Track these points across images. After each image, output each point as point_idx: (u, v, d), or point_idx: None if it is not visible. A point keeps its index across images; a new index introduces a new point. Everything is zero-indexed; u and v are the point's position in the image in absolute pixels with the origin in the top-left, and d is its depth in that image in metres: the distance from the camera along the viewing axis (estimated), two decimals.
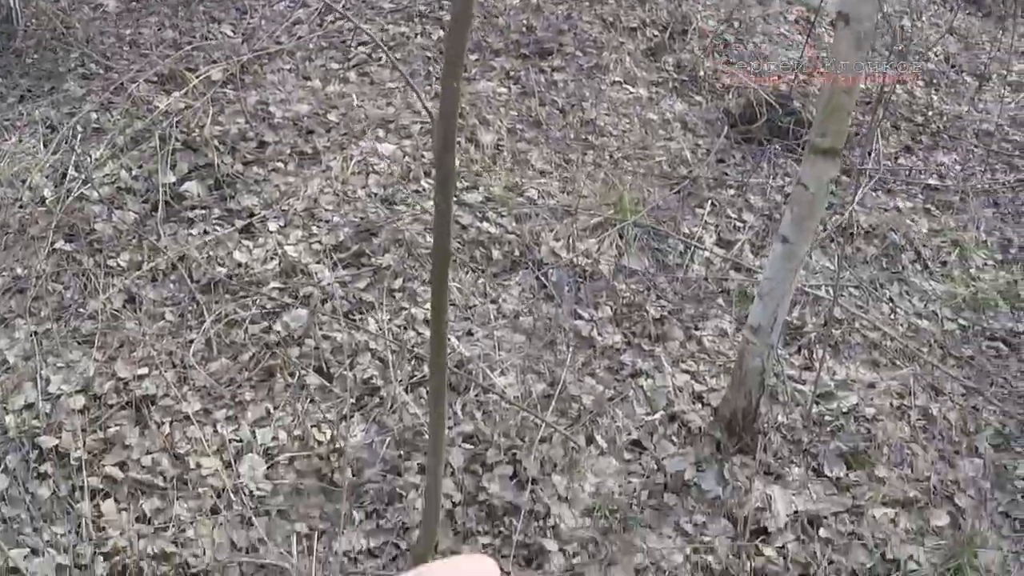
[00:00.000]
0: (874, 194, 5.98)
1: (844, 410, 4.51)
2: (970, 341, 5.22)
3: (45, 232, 4.77)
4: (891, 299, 5.31)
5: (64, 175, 5.08)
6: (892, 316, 5.22)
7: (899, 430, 4.49)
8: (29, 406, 4.11)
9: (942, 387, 4.81)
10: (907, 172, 6.41)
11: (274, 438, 4.06)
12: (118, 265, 4.69)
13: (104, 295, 4.52)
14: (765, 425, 4.30)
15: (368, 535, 3.76)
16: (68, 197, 4.93)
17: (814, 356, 4.77)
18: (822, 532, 4.02)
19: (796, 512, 4.06)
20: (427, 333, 4.39)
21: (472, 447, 4.08)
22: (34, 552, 3.68)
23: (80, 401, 4.13)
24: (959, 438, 4.57)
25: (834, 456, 4.30)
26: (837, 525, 4.06)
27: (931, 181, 6.34)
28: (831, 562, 3.93)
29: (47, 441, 3.98)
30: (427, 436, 3.80)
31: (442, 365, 2.61)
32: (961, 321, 5.32)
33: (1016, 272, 5.74)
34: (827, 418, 4.47)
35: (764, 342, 3.97)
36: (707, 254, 5.26)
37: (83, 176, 5.06)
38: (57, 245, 4.74)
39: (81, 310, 4.49)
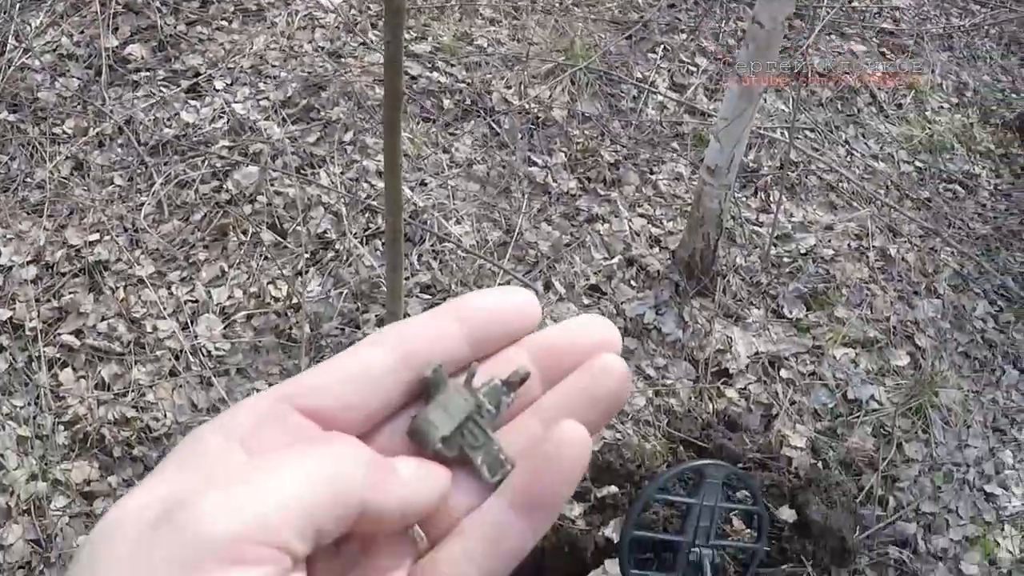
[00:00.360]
0: (828, 38, 5.93)
1: (802, 251, 4.51)
2: (926, 183, 5.22)
3: None
4: (847, 141, 5.28)
5: (4, 45, 4.95)
6: (848, 159, 5.20)
7: (858, 271, 4.50)
8: None
9: (899, 229, 4.81)
10: (861, 16, 6.35)
11: (230, 297, 4.03)
12: (64, 132, 4.60)
13: (51, 163, 4.44)
14: (724, 267, 4.30)
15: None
16: (9, 67, 4.81)
17: (771, 198, 4.76)
18: (783, 373, 4.04)
19: (757, 353, 4.08)
20: (380, 185, 4.34)
21: (430, 297, 4.06)
22: None
23: (32, 271, 4.08)
24: (918, 279, 4.58)
25: (793, 297, 4.31)
26: (798, 366, 4.08)
27: (885, 25, 6.28)
28: (793, 403, 3.96)
29: (1, 314, 3.93)
30: (384, 288, 3.77)
31: (398, 208, 2.56)
32: (917, 163, 5.31)
33: (971, 115, 5.72)
34: (785, 260, 4.46)
35: (721, 183, 3.94)
36: (661, 98, 5.19)
37: (23, 45, 4.93)
38: (1, 116, 4.64)
39: (28, 180, 4.41)
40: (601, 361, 0.59)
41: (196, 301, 4.02)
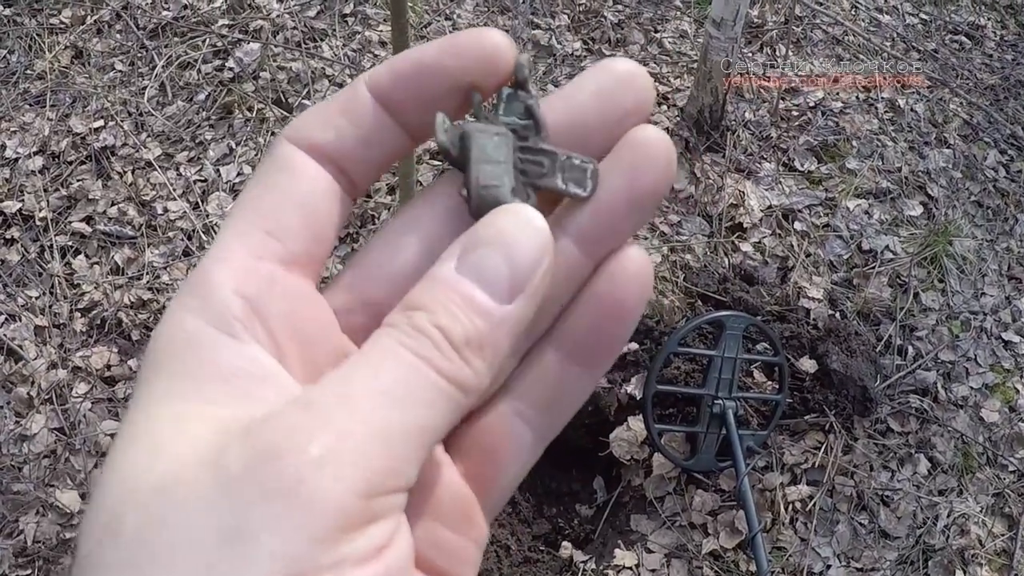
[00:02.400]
0: None
1: (811, 105, 4.48)
2: (932, 35, 5.18)
3: None
4: None
5: None
6: (853, 12, 5.15)
7: (867, 123, 4.47)
8: None
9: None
10: None
11: (239, 174, 4.02)
12: (61, 22, 4.58)
13: (51, 54, 4.42)
14: (733, 122, 4.27)
15: (343, 260, 3.74)
16: None
17: (777, 53, 4.72)
18: (797, 225, 4.02)
19: (770, 207, 4.06)
20: (383, 55, 4.32)
21: (439, 163, 4.03)
22: (11, 317, 3.67)
23: (39, 162, 4.08)
24: (928, 129, 4.55)
25: (804, 150, 4.28)
26: (812, 218, 4.06)
27: None
28: (808, 255, 3.95)
29: (10, 206, 3.94)
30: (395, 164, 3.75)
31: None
32: (922, 15, 5.27)
33: None
34: (794, 113, 4.43)
35: (728, 35, 3.91)
36: None
37: None
38: None
39: (29, 72, 4.40)
40: (635, 141, 0.48)
41: (205, 180, 4.01)
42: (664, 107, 4.35)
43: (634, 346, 3.55)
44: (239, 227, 0.45)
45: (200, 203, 3.92)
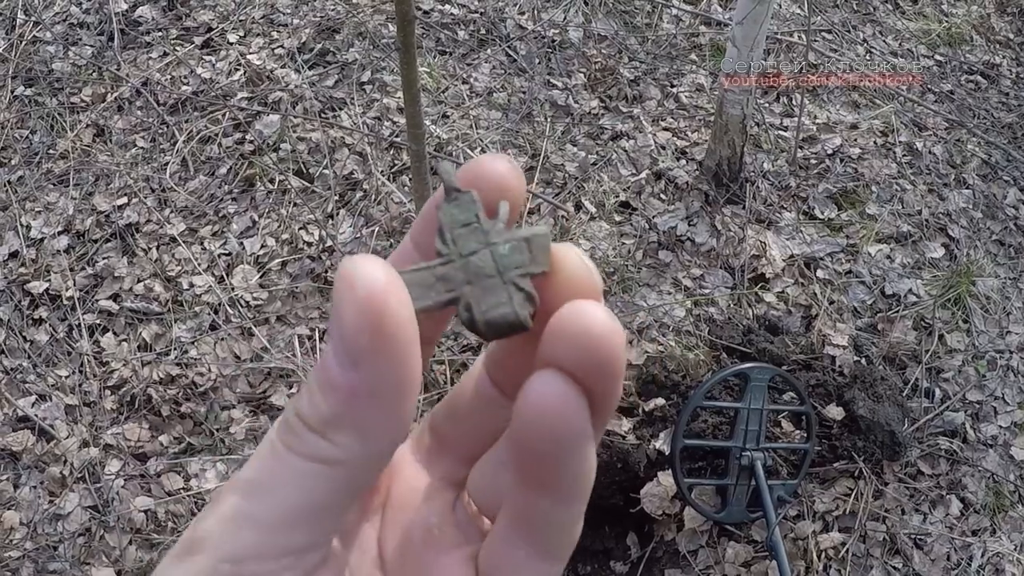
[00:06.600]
0: None
1: (829, 152, 4.48)
2: (948, 76, 5.18)
3: (3, 80, 4.68)
4: (865, 40, 5.25)
5: (13, 20, 4.96)
6: (867, 57, 5.16)
7: (886, 167, 4.47)
8: (14, 255, 4.08)
9: (924, 123, 4.78)
10: None
11: (263, 246, 4.04)
12: (82, 101, 4.61)
13: (72, 133, 4.46)
14: (752, 173, 4.27)
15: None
16: (22, 42, 4.83)
17: (793, 102, 4.73)
18: (820, 273, 4.02)
19: (792, 256, 4.06)
20: (402, 121, 4.33)
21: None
22: (41, 398, 3.68)
23: (64, 241, 4.10)
24: (946, 171, 4.55)
25: (823, 198, 4.28)
26: (834, 265, 4.06)
27: None
28: (832, 302, 3.94)
29: (37, 286, 3.96)
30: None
31: (420, 133, 2.54)
32: (937, 57, 5.28)
33: (988, 5, 5.67)
34: (813, 161, 4.44)
35: (742, 88, 3.92)
36: (675, 11, 5.16)
37: (33, 19, 4.94)
38: (17, 92, 4.66)
39: (51, 151, 4.43)
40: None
41: (230, 254, 4.03)
42: (683, 161, 4.36)
43: (661, 401, 3.55)
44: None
45: (225, 276, 3.94)
